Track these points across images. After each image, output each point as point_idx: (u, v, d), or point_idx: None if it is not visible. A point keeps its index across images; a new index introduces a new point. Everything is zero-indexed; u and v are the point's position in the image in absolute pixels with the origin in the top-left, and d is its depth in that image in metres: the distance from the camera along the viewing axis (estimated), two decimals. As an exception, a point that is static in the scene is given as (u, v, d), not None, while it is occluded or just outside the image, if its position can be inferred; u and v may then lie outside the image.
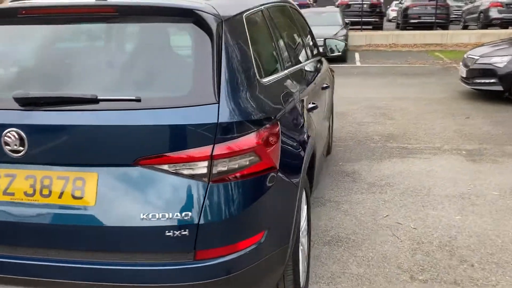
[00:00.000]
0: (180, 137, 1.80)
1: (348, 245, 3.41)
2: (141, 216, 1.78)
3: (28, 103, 1.82)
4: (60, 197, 1.82)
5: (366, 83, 10.41)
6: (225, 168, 1.84)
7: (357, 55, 15.24)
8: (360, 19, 18.89)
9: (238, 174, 1.87)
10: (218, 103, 1.83)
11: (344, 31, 13.59)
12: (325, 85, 3.97)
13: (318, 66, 4.18)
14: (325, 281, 2.98)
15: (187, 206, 1.79)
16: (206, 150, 1.79)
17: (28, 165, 1.85)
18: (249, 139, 1.89)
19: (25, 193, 1.85)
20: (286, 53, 2.89)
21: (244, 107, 1.92)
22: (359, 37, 17.39)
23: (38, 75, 1.99)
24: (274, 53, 2.65)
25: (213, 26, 1.94)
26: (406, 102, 8.14)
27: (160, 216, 1.78)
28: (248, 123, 1.91)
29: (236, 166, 1.86)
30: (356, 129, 6.56)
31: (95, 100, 1.79)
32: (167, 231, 1.77)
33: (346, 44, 4.91)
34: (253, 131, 1.91)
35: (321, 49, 4.67)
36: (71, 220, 1.81)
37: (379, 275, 3.03)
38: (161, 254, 1.82)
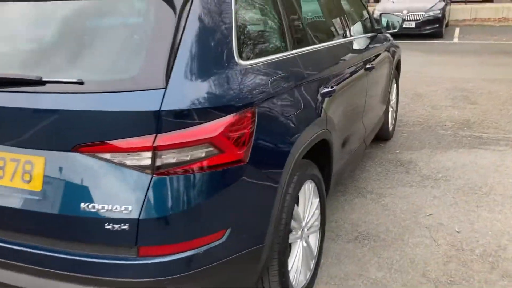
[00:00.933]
0: (121, 125, 1.66)
1: (375, 244, 3.09)
2: (81, 206, 1.69)
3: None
4: (11, 179, 1.80)
5: (458, 61, 9.49)
6: (174, 160, 1.68)
7: (457, 31, 13.98)
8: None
9: (190, 167, 1.70)
10: (166, 88, 1.66)
11: (441, 4, 12.46)
12: (369, 66, 3.59)
13: (364, 44, 3.79)
14: (335, 282, 2.73)
15: (128, 199, 1.67)
16: (147, 140, 1.64)
17: None
18: (204, 129, 1.71)
19: None
20: (300, 31, 2.60)
21: (201, 93, 1.72)
22: (463, 11, 15.91)
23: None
24: (279, 30, 2.39)
25: None
26: (497, 85, 7.27)
27: (100, 208, 1.68)
28: (206, 111, 1.71)
29: (188, 158, 1.70)
30: (428, 113, 5.99)
31: (40, 82, 1.71)
32: (106, 224, 1.67)
33: (402, 21, 4.40)
34: (212, 120, 1.72)
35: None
36: (19, 203, 1.78)
37: (398, 282, 2.71)
38: (103, 246, 1.72)
